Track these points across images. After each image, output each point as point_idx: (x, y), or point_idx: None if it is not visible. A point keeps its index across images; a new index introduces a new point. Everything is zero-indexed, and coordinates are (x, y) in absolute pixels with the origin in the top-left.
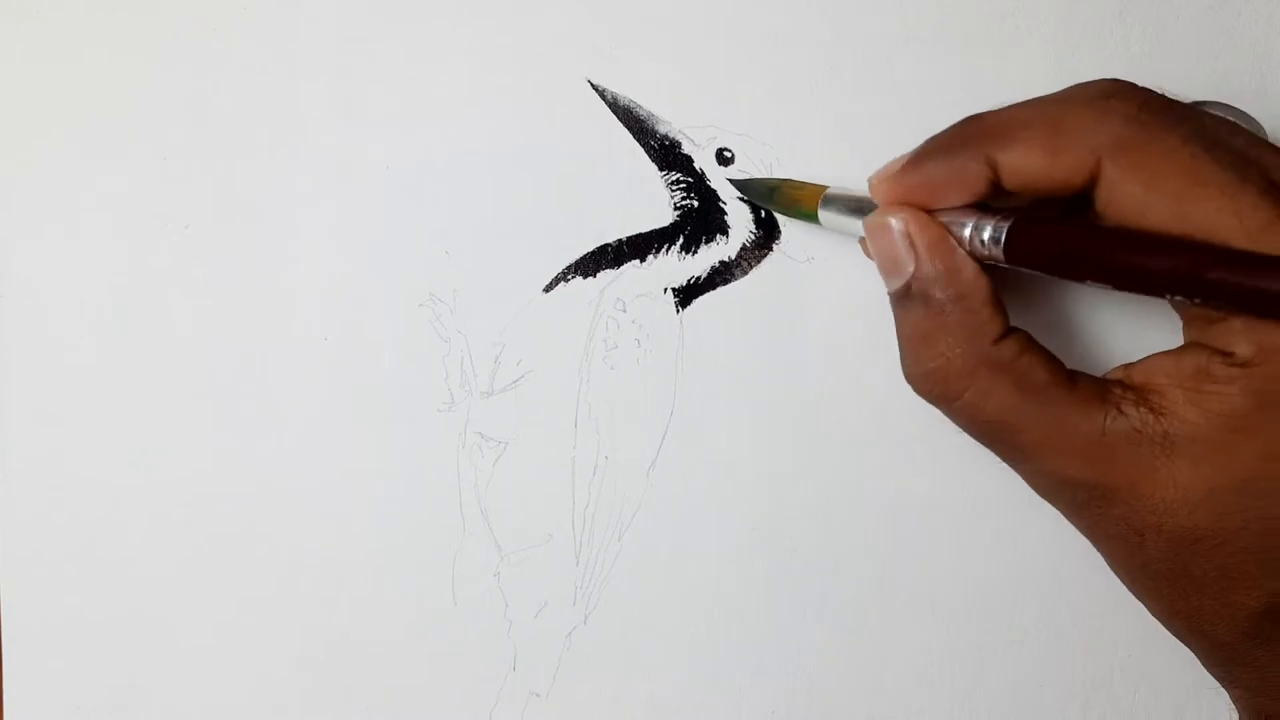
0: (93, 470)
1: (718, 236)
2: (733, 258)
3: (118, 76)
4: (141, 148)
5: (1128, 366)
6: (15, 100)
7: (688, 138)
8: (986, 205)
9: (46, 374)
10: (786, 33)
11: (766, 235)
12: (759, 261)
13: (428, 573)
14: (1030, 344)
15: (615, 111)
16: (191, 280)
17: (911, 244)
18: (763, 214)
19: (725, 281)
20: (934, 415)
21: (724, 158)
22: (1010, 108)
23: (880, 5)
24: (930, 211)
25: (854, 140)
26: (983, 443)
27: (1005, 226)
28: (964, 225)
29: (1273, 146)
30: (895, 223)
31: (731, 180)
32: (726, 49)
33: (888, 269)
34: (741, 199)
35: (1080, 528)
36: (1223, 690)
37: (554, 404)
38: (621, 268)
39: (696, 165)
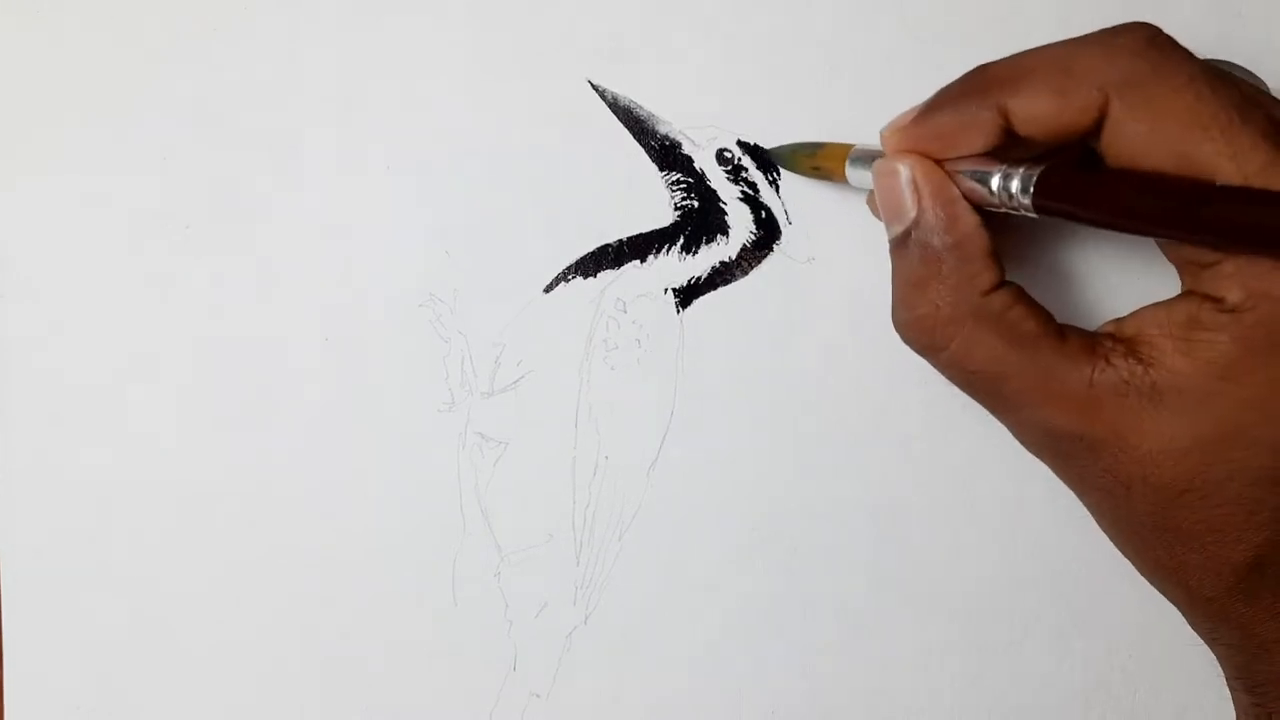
0: (93, 470)
1: (718, 237)
2: (733, 258)
3: (118, 76)
4: (141, 148)
5: (1119, 320)
6: (15, 100)
7: (688, 138)
8: (1003, 155)
9: (46, 374)
10: (786, 33)
11: (767, 235)
12: (759, 262)
13: (428, 573)
14: (1022, 296)
15: (615, 112)
16: (191, 280)
17: (916, 189)
18: (763, 214)
19: (725, 282)
20: (934, 416)
21: (724, 158)
22: (1017, 55)
23: (880, 5)
24: (946, 161)
25: (854, 140)
26: (970, 394)
27: (1035, 175)
28: (990, 176)
29: (1272, 96)
30: (903, 169)
31: (767, 151)
32: (726, 49)
33: (890, 214)
34: (742, 199)
35: (1067, 480)
36: (1224, 691)
37: (554, 404)
38: (622, 268)
39: (697, 166)
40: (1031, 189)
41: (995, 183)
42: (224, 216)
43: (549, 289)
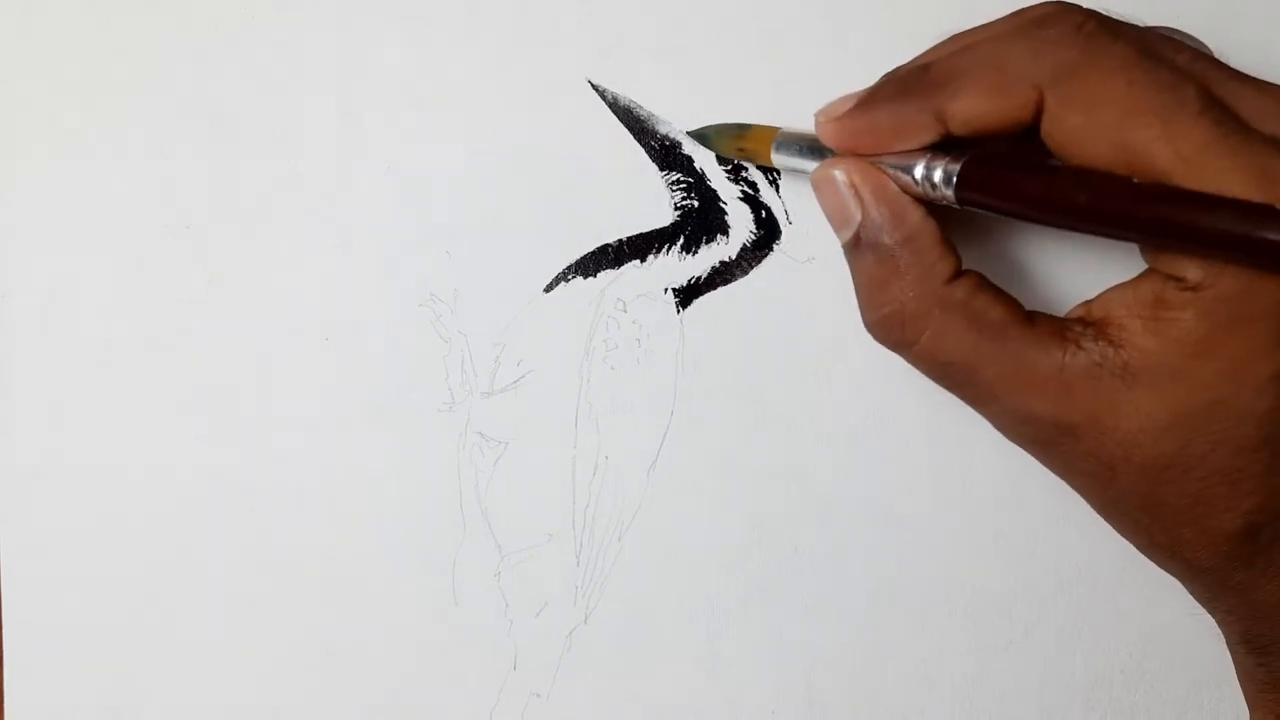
0: (94, 471)
1: (718, 237)
2: (733, 258)
3: (118, 76)
4: (142, 148)
5: (1087, 304)
6: (16, 100)
7: (688, 138)
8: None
9: (48, 374)
10: (786, 33)
11: (767, 235)
12: (759, 262)
13: (428, 573)
14: (984, 284)
15: (615, 111)
16: (192, 280)
17: (856, 192)
18: (763, 214)
19: (725, 281)
20: (934, 416)
21: (724, 158)
22: (952, 56)
23: (880, 5)
24: (878, 155)
25: None
26: (946, 387)
27: (956, 168)
28: (913, 168)
29: (1216, 61)
30: (839, 174)
31: (690, 133)
32: (726, 49)
33: (837, 221)
34: (742, 199)
35: (1051, 467)
36: (1223, 691)
37: (554, 404)
38: (622, 268)
39: (697, 165)
40: (954, 181)
41: (919, 173)
42: (224, 216)
43: (549, 289)
